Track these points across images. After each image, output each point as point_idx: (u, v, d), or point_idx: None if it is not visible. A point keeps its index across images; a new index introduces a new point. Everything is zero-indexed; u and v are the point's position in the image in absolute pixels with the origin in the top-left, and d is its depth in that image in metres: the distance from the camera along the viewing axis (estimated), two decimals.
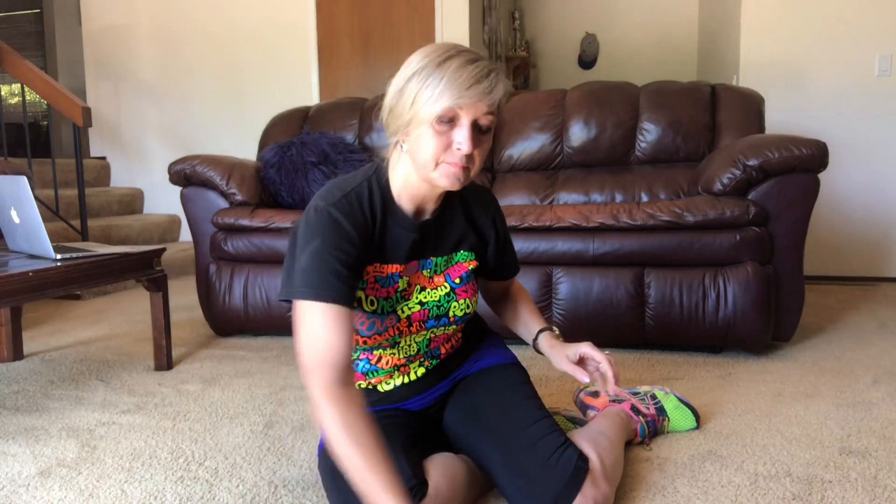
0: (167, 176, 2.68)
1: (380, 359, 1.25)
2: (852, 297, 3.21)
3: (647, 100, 2.78)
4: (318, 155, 2.78)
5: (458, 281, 1.25)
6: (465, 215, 1.27)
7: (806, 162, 2.12)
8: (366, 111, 3.09)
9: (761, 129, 2.68)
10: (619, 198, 2.69)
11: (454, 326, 1.26)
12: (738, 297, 2.12)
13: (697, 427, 1.60)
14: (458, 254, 1.26)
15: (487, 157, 1.59)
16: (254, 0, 4.41)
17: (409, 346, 1.24)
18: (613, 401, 1.55)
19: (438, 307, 1.23)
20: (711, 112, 2.73)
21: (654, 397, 1.60)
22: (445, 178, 1.07)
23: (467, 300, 1.25)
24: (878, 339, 2.43)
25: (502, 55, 5.51)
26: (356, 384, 1.22)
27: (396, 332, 1.20)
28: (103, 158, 4.84)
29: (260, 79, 4.45)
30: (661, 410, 1.58)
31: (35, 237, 1.92)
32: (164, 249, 2.19)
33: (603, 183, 2.73)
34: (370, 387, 1.28)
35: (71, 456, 1.51)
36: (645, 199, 2.65)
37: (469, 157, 1.06)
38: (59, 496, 1.32)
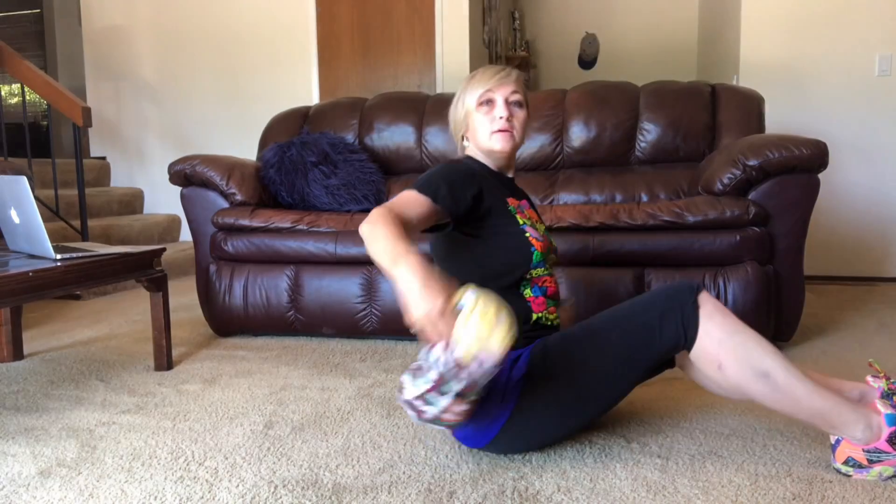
0: (167, 176, 2.69)
1: (544, 281, 1.50)
2: (852, 297, 3.21)
3: (647, 100, 2.78)
4: (318, 155, 2.77)
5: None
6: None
7: (806, 162, 2.12)
8: (366, 111, 3.08)
9: (761, 129, 2.68)
10: (619, 198, 2.69)
11: (554, 257, 1.61)
12: (738, 297, 2.12)
13: None
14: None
15: None
16: (254, 0, 4.41)
17: (543, 262, 1.49)
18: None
19: (544, 235, 1.55)
20: (711, 112, 2.73)
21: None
22: (498, 143, 1.50)
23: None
24: (878, 339, 2.43)
25: (502, 55, 5.51)
26: (534, 316, 1.46)
27: (538, 240, 1.48)
28: (103, 158, 4.84)
29: (260, 79, 4.45)
30: None
31: (35, 237, 1.92)
32: (164, 249, 2.19)
33: (603, 183, 2.73)
34: (542, 318, 1.48)
35: (71, 456, 1.51)
36: (645, 199, 2.65)
37: (509, 122, 1.47)
38: (59, 496, 1.32)
